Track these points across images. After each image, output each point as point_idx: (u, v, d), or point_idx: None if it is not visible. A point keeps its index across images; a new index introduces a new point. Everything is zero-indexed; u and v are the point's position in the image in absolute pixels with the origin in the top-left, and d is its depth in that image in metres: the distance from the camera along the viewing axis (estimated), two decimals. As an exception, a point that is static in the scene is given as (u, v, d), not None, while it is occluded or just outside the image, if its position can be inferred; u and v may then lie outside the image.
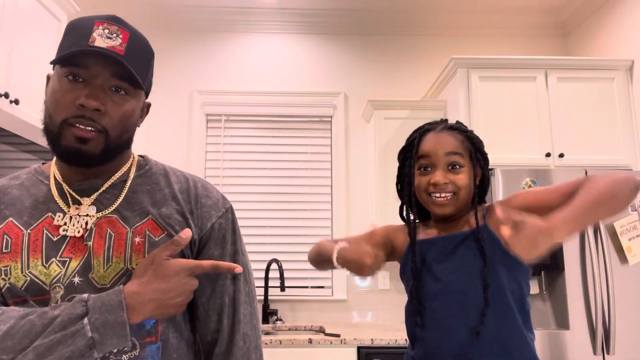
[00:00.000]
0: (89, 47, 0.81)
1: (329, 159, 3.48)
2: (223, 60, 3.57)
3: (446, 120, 1.27)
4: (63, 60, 0.83)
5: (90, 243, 0.84)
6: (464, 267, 1.13)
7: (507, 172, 2.46)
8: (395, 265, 3.34)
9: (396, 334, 2.71)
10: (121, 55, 0.83)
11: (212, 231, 0.93)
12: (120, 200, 0.89)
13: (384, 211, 3.05)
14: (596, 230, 2.37)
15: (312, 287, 3.32)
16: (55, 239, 0.84)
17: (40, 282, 0.82)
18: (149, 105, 0.99)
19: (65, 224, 0.85)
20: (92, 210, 0.87)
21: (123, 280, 0.84)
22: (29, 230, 0.84)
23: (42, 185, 0.90)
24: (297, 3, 3.50)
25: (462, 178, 1.17)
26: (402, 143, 3.18)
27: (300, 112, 3.51)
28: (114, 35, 0.85)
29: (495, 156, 2.80)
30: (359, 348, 2.58)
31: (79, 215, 0.86)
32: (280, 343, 2.55)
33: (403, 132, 3.15)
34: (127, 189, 0.91)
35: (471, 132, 1.24)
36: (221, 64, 3.56)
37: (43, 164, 0.98)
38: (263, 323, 3.16)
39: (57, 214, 0.86)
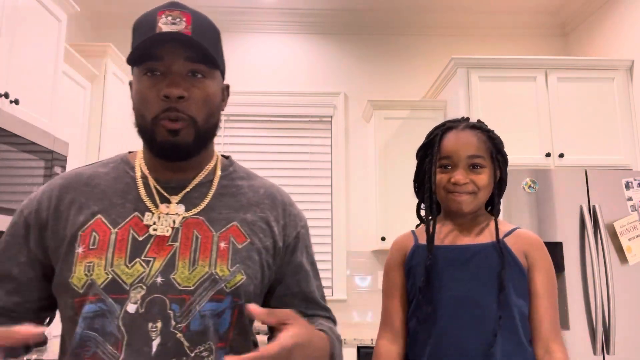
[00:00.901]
0: (154, 35, 0.81)
1: (329, 159, 3.48)
2: (223, 60, 3.57)
3: (467, 118, 1.25)
4: (137, 56, 0.83)
5: (176, 244, 0.84)
6: (479, 280, 1.11)
7: (507, 172, 2.46)
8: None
9: (396, 334, 2.72)
10: (189, 37, 0.83)
11: (297, 240, 0.97)
12: (207, 200, 0.90)
13: (384, 211, 3.05)
14: (596, 230, 2.37)
15: (312, 287, 3.32)
16: (140, 239, 0.84)
17: (120, 282, 0.81)
18: (227, 87, 0.97)
19: (154, 223, 0.85)
20: (181, 209, 0.87)
21: (206, 285, 0.83)
22: (116, 229, 0.85)
23: (128, 179, 0.90)
24: (297, 3, 3.50)
25: (483, 178, 1.16)
26: (402, 143, 3.20)
27: (300, 112, 3.51)
28: (178, 20, 0.84)
29: (495, 156, 2.80)
30: (359, 348, 2.58)
31: (168, 214, 0.86)
32: None
33: (403, 132, 3.15)
34: (214, 189, 0.92)
35: (492, 132, 1.23)
36: (221, 64, 3.56)
37: (130, 152, 0.98)
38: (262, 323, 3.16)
39: (146, 213, 0.86)
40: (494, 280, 1.11)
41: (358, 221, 3.41)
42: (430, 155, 1.21)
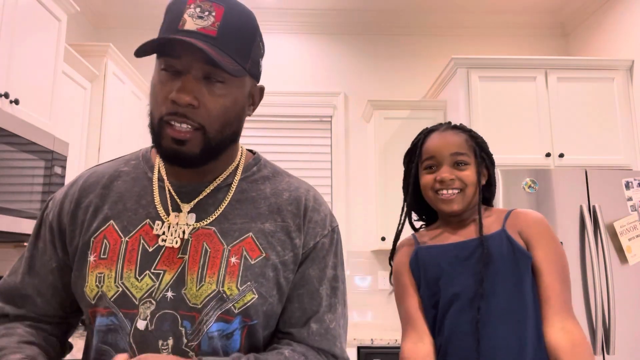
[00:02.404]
0: (174, 35, 0.73)
1: (329, 159, 3.48)
2: (223, 60, 3.57)
3: (449, 122, 1.27)
4: (155, 48, 0.74)
5: (185, 257, 0.78)
6: (484, 273, 1.09)
7: (507, 172, 2.46)
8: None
9: (396, 334, 2.71)
10: (212, 37, 0.74)
11: (313, 250, 0.84)
12: (222, 208, 0.82)
13: (384, 211, 3.05)
14: (596, 230, 2.37)
15: (312, 287, 3.32)
16: (150, 250, 0.79)
17: (130, 295, 0.77)
18: (261, 89, 0.87)
19: (163, 233, 0.79)
20: (192, 219, 0.81)
21: (213, 304, 0.76)
22: (126, 239, 0.80)
23: (146, 181, 0.85)
24: (297, 3, 3.50)
25: (469, 175, 1.16)
26: (402, 143, 3.20)
27: (300, 112, 3.51)
28: (206, 13, 0.74)
29: (495, 156, 2.77)
30: (359, 348, 2.58)
31: (178, 224, 0.80)
32: None
33: (403, 132, 3.15)
34: (230, 195, 0.84)
35: (473, 131, 1.25)
36: (221, 64, 3.56)
37: (153, 147, 0.90)
38: None
39: (156, 222, 0.80)
40: (503, 270, 1.09)
41: (358, 221, 3.41)
42: (414, 159, 1.22)
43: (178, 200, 0.83)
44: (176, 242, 0.78)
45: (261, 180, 0.88)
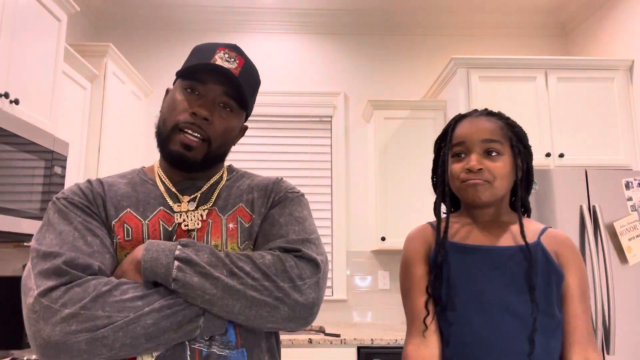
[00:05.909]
0: (211, 64, 0.93)
1: (329, 159, 3.48)
2: (223, 60, 3.57)
3: (485, 109, 1.18)
4: (187, 73, 0.96)
5: (194, 233, 0.94)
6: (515, 285, 1.03)
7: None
8: (395, 266, 3.34)
9: (396, 334, 2.71)
10: (235, 76, 0.95)
11: (279, 202, 1.00)
12: (216, 194, 1.00)
13: (384, 211, 3.05)
14: (596, 230, 2.38)
15: (312, 287, 3.32)
16: (169, 229, 0.93)
17: None
18: (245, 128, 1.09)
19: (184, 220, 0.94)
20: (192, 206, 0.97)
21: None
22: (147, 221, 0.93)
23: (149, 185, 1.00)
24: (297, 3, 3.50)
25: (500, 166, 1.06)
26: (402, 143, 3.20)
27: (300, 112, 3.51)
28: (232, 59, 0.97)
29: (495, 156, 2.80)
30: (359, 348, 2.58)
31: (181, 212, 0.95)
32: (280, 343, 2.55)
33: (403, 132, 3.15)
34: (220, 187, 1.02)
35: (511, 119, 1.14)
36: (221, 64, 3.56)
37: (143, 167, 1.08)
38: (263, 323, 3.16)
39: (175, 210, 0.95)
40: (533, 285, 1.03)
41: (358, 221, 3.41)
42: (444, 146, 1.14)
43: (180, 195, 0.99)
44: (198, 224, 0.94)
45: (241, 177, 1.08)
